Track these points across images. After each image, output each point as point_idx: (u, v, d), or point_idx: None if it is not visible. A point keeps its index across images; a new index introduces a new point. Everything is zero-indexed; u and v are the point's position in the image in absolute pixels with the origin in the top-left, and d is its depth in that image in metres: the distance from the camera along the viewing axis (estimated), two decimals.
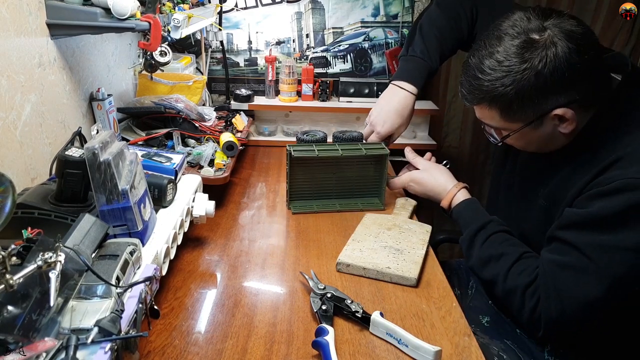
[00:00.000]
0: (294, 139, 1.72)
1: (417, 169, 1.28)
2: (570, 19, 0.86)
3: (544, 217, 0.99)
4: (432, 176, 1.23)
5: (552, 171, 0.98)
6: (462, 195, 1.17)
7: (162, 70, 1.27)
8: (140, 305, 0.68)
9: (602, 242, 0.84)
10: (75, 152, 0.79)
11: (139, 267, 0.77)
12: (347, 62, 1.90)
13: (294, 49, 1.89)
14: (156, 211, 0.93)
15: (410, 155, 1.30)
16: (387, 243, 1.07)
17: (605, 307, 0.86)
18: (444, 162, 1.29)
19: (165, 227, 0.90)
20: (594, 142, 0.91)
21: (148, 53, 1.17)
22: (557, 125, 0.90)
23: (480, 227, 1.05)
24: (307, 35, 1.88)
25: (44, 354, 0.51)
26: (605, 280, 0.83)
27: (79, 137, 1.08)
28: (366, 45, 1.88)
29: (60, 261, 0.54)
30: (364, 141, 1.33)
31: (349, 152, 1.23)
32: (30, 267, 0.51)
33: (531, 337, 1.03)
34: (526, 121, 0.91)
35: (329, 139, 1.50)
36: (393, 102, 1.30)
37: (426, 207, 1.30)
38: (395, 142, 1.38)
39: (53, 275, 0.53)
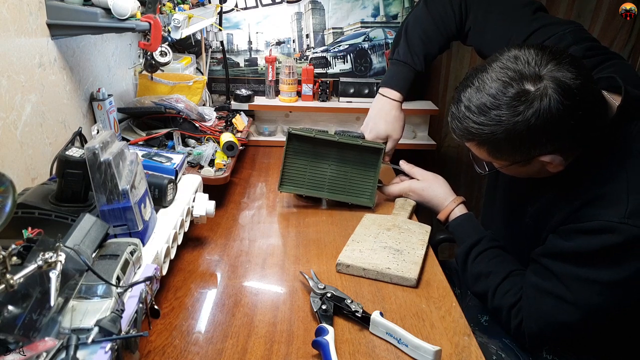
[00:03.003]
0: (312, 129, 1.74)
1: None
2: (570, 66, 0.82)
3: (530, 235, 1.01)
4: (431, 188, 1.25)
5: (540, 192, 0.99)
6: (460, 210, 1.19)
7: (163, 71, 1.27)
8: (141, 305, 0.68)
9: (579, 275, 0.88)
10: (75, 152, 0.79)
11: (139, 267, 0.77)
12: (347, 62, 1.90)
13: (294, 49, 1.89)
14: (156, 211, 0.93)
15: (406, 166, 1.31)
16: (387, 243, 1.07)
17: (583, 331, 0.93)
18: None
19: (165, 227, 0.90)
20: (582, 171, 0.91)
21: (148, 53, 1.17)
22: (545, 164, 0.90)
23: (473, 243, 1.08)
24: (307, 36, 1.88)
25: (44, 354, 0.52)
26: (581, 309, 0.89)
27: (80, 137, 1.08)
28: (366, 45, 1.88)
29: (60, 261, 0.54)
30: None
31: (346, 139, 1.26)
32: (31, 267, 0.51)
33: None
34: (514, 161, 0.91)
35: None
36: (381, 112, 1.31)
37: (426, 208, 1.30)
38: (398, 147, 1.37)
39: (53, 275, 0.53)
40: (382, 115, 1.30)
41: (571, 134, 0.85)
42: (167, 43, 1.14)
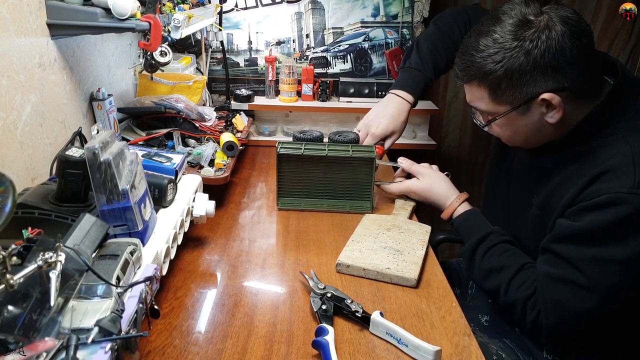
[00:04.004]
0: (296, 142, 1.72)
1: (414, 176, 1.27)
2: (568, 7, 0.89)
3: (537, 225, 1.00)
4: (432, 188, 1.22)
5: (544, 180, 0.99)
6: (463, 207, 1.17)
7: (163, 71, 1.27)
8: (141, 305, 0.68)
9: (592, 256, 0.86)
10: (75, 152, 0.79)
11: (139, 267, 0.77)
12: (347, 62, 1.90)
13: (294, 49, 1.89)
14: (156, 211, 0.93)
15: (406, 163, 1.29)
16: (387, 244, 1.07)
17: (602, 316, 0.90)
18: (445, 173, 1.27)
19: (165, 227, 0.90)
20: (582, 151, 0.92)
21: (148, 53, 1.17)
22: (544, 113, 0.91)
23: (480, 239, 1.05)
24: (307, 36, 1.88)
25: (44, 354, 0.51)
26: (598, 293, 0.86)
27: (80, 137, 1.08)
28: (366, 45, 1.88)
29: (60, 261, 0.54)
30: (360, 144, 1.33)
31: (336, 152, 1.22)
32: (31, 267, 0.51)
33: (536, 343, 1.04)
34: (514, 104, 0.92)
35: (326, 140, 1.52)
36: (389, 108, 1.34)
37: (426, 208, 1.30)
38: (395, 143, 1.38)
39: (53, 275, 0.53)
40: (391, 113, 1.33)
41: (570, 66, 0.87)
42: (167, 43, 1.14)
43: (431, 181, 1.24)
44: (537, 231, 0.99)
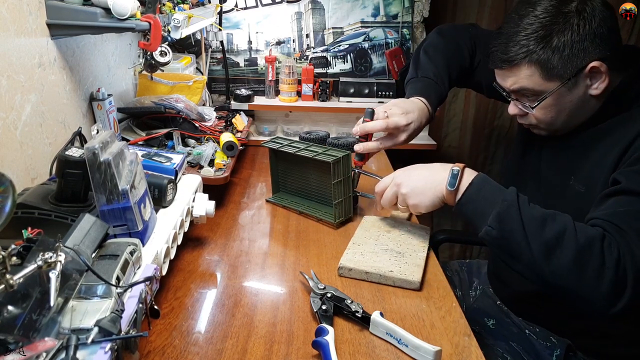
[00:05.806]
0: (293, 139, 1.72)
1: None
2: None
3: (581, 203, 0.95)
4: (417, 167, 1.02)
5: (581, 157, 0.98)
6: (469, 174, 0.94)
7: (162, 70, 1.27)
8: (141, 305, 0.68)
9: None
10: (75, 152, 0.79)
11: (139, 267, 0.77)
12: (347, 62, 1.90)
13: (294, 49, 1.89)
14: (156, 211, 0.93)
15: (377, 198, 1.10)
16: (388, 246, 1.06)
17: None
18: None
19: (165, 227, 0.90)
20: (618, 121, 0.94)
21: (148, 53, 1.17)
22: (589, 86, 0.93)
23: (517, 192, 0.89)
24: (307, 35, 1.88)
25: (44, 354, 0.51)
26: None
27: (79, 137, 1.08)
28: (366, 45, 1.88)
29: (60, 261, 0.54)
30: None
31: (302, 152, 1.20)
32: (31, 267, 0.51)
33: (605, 313, 0.83)
34: (564, 78, 0.92)
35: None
36: (409, 102, 1.20)
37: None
38: (398, 147, 1.31)
39: (53, 275, 0.53)
40: (398, 104, 1.18)
41: (612, 34, 0.91)
42: (167, 43, 1.14)
43: (414, 166, 1.03)
44: (582, 209, 0.92)
